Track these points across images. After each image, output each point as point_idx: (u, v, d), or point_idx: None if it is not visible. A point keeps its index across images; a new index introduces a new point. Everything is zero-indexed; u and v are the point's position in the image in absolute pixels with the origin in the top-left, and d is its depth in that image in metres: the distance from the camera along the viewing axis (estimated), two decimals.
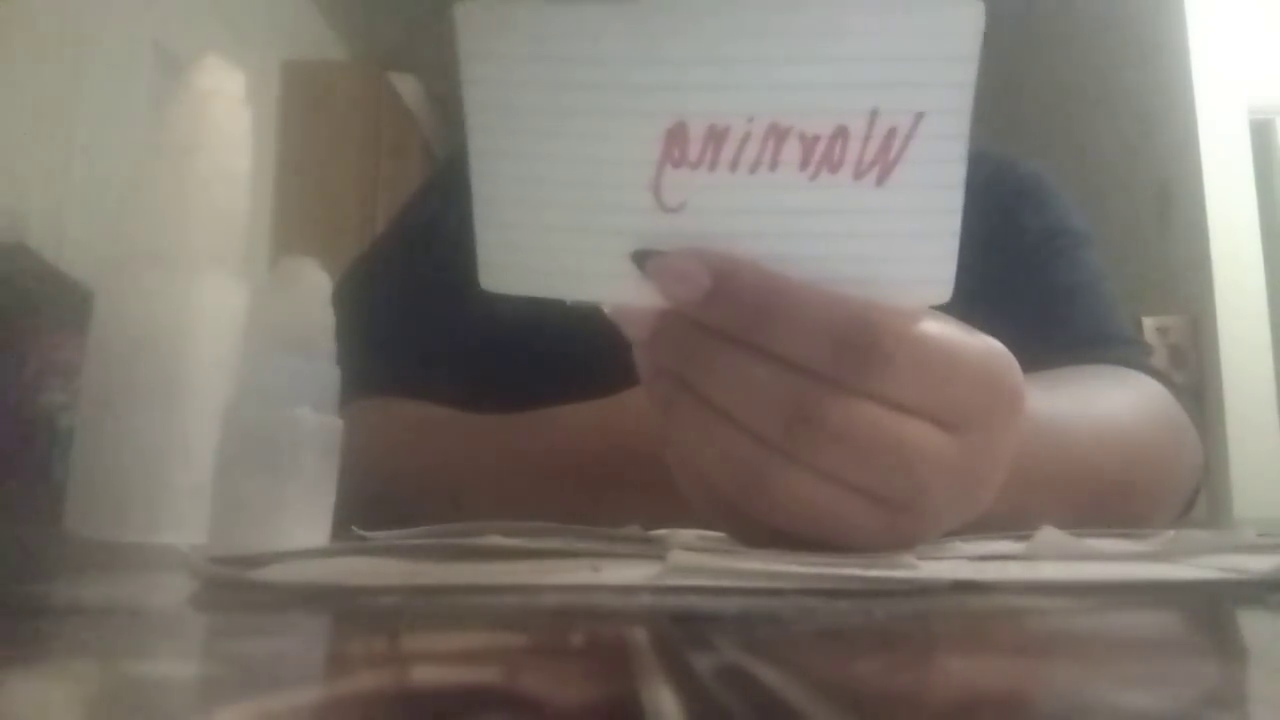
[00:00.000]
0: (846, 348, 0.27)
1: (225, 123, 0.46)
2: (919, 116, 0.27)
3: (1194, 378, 2.44)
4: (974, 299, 0.29)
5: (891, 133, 0.27)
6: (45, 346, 1.33)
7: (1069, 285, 0.64)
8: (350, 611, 0.23)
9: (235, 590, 0.25)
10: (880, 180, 0.27)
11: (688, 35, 0.27)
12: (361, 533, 0.36)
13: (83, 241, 1.73)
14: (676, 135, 0.28)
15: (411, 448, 0.56)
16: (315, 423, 0.34)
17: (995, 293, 0.32)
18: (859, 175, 0.27)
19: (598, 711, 0.14)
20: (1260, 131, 2.50)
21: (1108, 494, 0.48)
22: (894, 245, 0.28)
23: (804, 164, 0.27)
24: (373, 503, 0.44)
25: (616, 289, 0.29)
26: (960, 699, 0.15)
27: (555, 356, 0.55)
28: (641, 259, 0.29)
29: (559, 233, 0.30)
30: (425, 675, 0.16)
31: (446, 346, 0.62)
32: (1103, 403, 0.52)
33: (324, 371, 0.35)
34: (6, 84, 1.72)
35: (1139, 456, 0.52)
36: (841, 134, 0.27)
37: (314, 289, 0.36)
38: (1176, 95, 2.56)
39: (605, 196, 0.29)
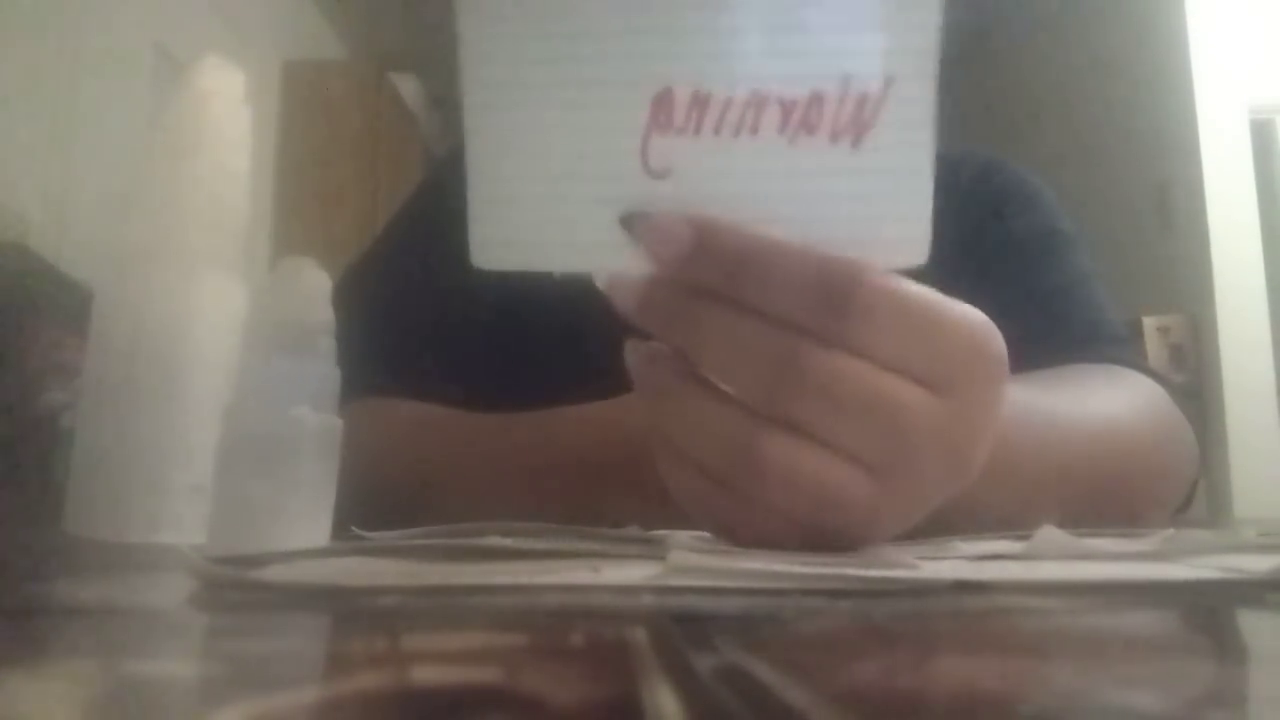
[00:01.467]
0: (827, 299, 0.28)
1: (225, 123, 0.46)
2: (889, 81, 0.29)
3: (1194, 378, 2.43)
4: (964, 300, 0.29)
5: (864, 98, 0.29)
6: (45, 346, 1.33)
7: (1058, 286, 0.64)
8: (350, 611, 0.23)
9: (235, 590, 0.25)
10: (855, 143, 0.29)
11: (672, 6, 0.29)
12: (361, 533, 0.36)
13: (83, 241, 1.73)
14: (663, 101, 0.29)
15: (411, 447, 0.56)
16: (315, 423, 0.34)
17: (984, 294, 0.32)
18: (835, 139, 0.29)
19: (598, 711, 0.14)
20: (1260, 131, 2.50)
21: (1104, 491, 0.48)
22: (871, 205, 0.29)
23: (783, 128, 0.29)
24: (373, 503, 0.44)
25: (606, 258, 0.30)
26: (960, 699, 0.15)
27: (554, 357, 0.55)
28: (628, 221, 0.29)
29: (549, 204, 0.31)
30: (425, 675, 0.16)
31: (446, 346, 0.62)
32: (1098, 401, 0.52)
33: (324, 371, 0.35)
34: (7, 84, 1.72)
35: (1135, 454, 0.52)
36: (817, 99, 0.29)
37: (314, 289, 0.35)
38: (1176, 95, 2.56)
39: (594, 165, 0.30)
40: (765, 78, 0.29)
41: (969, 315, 0.29)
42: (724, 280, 0.29)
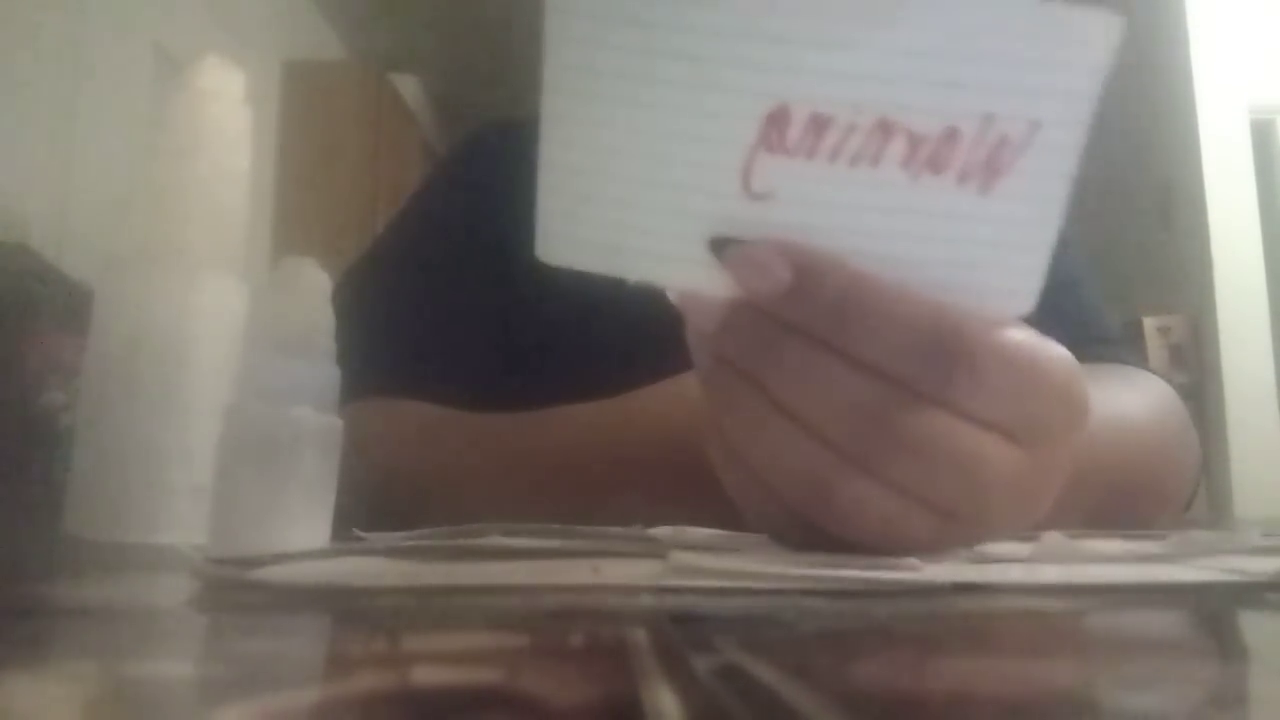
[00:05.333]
0: (933, 357, 0.26)
1: (225, 123, 0.46)
2: (1035, 126, 0.26)
3: (1194, 378, 2.43)
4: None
5: (1003, 140, 0.26)
6: (45, 346, 1.33)
7: (1053, 288, 0.64)
8: (350, 612, 0.23)
9: (235, 591, 0.25)
10: (984, 189, 0.26)
11: (802, 13, 0.26)
12: (361, 533, 0.36)
13: (83, 241, 1.73)
14: (777, 119, 0.26)
15: (412, 448, 0.56)
16: (315, 423, 0.34)
17: None
18: (962, 180, 0.26)
19: (598, 712, 0.14)
20: (1260, 131, 2.50)
21: (1120, 492, 0.48)
22: (988, 254, 0.27)
23: (907, 163, 0.26)
24: (373, 503, 0.44)
25: (687, 274, 0.28)
26: (960, 700, 0.15)
27: (557, 357, 0.55)
28: (720, 247, 0.27)
29: (632, 209, 0.28)
30: (425, 676, 0.16)
31: (447, 347, 0.62)
32: (1115, 403, 0.52)
33: (324, 371, 0.35)
34: (7, 84, 1.72)
35: (1152, 455, 0.52)
36: (952, 136, 0.26)
37: (314, 289, 0.35)
38: (1177, 95, 2.56)
39: (689, 175, 0.27)
40: (896, 106, 0.26)
41: (1062, 363, 0.28)
42: (819, 324, 0.27)
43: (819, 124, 0.26)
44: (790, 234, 0.27)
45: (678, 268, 0.28)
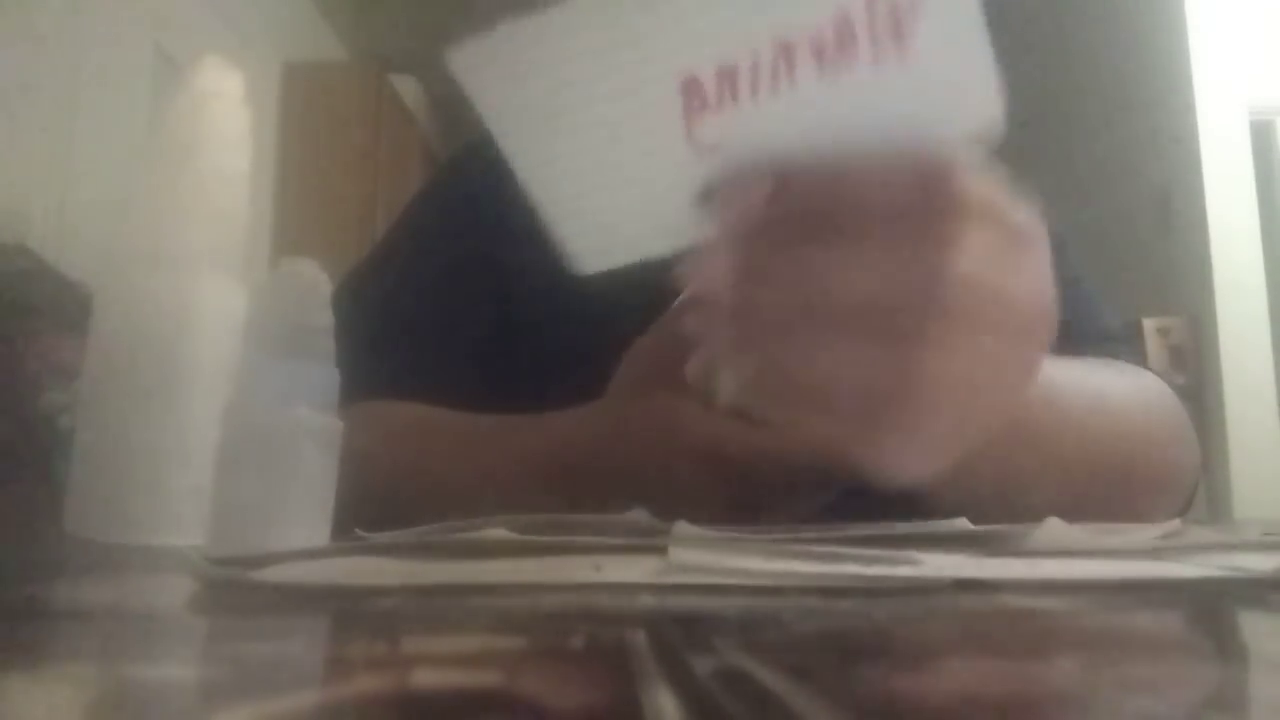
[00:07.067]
0: (927, 197, 0.27)
1: (225, 123, 0.46)
2: None
3: (1194, 378, 2.43)
4: None
5: (894, 8, 0.27)
6: (45, 346, 1.33)
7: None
8: (351, 612, 0.23)
9: (235, 591, 0.25)
10: (901, 57, 0.27)
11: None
12: (361, 533, 0.36)
13: (83, 241, 1.73)
14: (691, 87, 0.29)
15: (411, 449, 0.56)
16: (315, 423, 0.34)
17: None
18: (878, 60, 0.27)
19: (598, 713, 0.14)
20: (1260, 132, 2.50)
21: (1105, 473, 0.48)
22: (936, 96, 0.28)
23: (820, 70, 0.28)
24: (373, 503, 0.44)
25: (687, 236, 0.31)
26: (961, 699, 0.15)
27: (555, 360, 0.55)
28: (706, 196, 0.30)
29: (625, 204, 0.32)
30: (426, 677, 0.16)
31: (445, 350, 0.62)
32: (1097, 380, 0.52)
33: (324, 371, 0.35)
34: (7, 84, 1.72)
35: (1137, 437, 0.52)
36: (845, 25, 0.27)
37: (314, 289, 0.35)
38: (1176, 96, 2.56)
39: (650, 162, 0.31)
40: (781, 26, 0.28)
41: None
42: (812, 211, 0.28)
43: (726, 75, 0.29)
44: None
45: (681, 234, 0.31)
